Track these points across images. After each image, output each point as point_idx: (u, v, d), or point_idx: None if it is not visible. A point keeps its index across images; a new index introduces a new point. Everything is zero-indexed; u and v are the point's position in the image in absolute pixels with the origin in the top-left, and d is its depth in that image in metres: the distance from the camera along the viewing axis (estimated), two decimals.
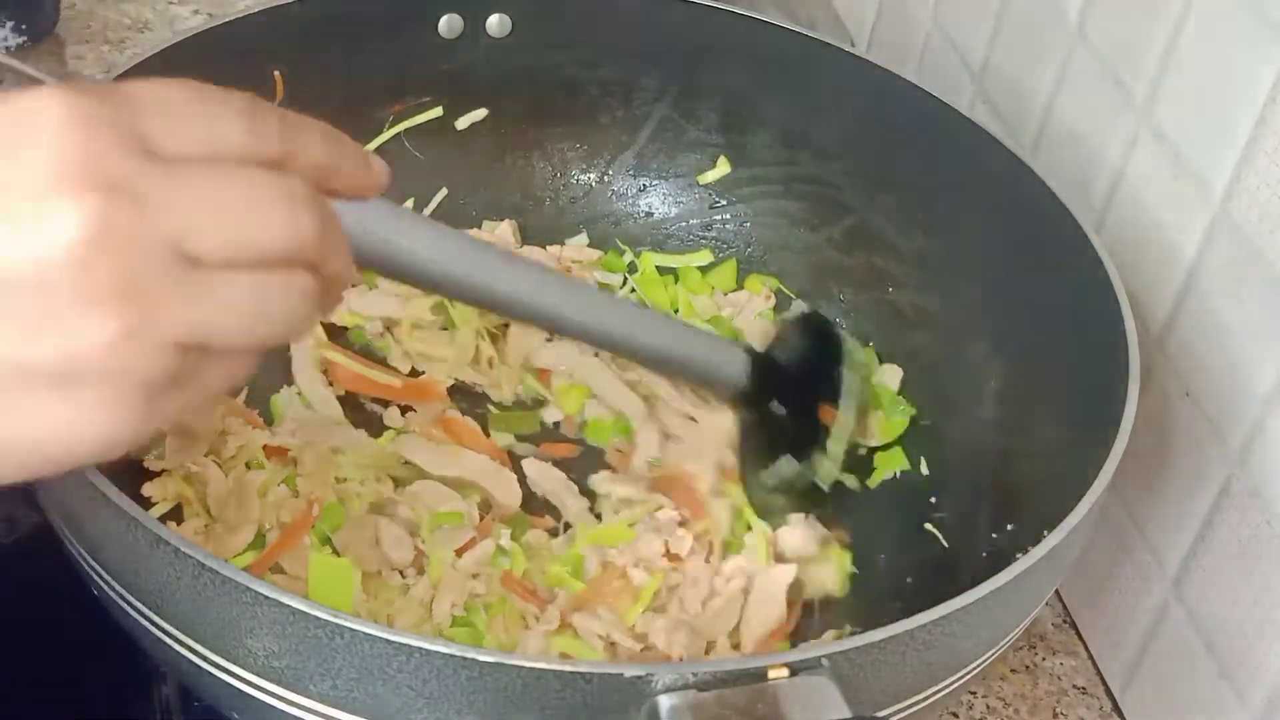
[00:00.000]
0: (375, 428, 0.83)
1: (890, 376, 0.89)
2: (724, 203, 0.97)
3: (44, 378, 0.41)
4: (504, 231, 0.95)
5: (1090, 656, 0.85)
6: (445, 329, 0.89)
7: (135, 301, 0.40)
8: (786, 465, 0.75)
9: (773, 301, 0.94)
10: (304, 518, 0.75)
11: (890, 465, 0.85)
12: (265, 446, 0.79)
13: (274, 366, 0.84)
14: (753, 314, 0.93)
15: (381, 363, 0.87)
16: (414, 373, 0.87)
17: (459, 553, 0.76)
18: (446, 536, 0.76)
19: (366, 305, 0.88)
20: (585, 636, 0.72)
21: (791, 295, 0.94)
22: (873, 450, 0.85)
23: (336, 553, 0.75)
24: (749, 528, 0.80)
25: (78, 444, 0.42)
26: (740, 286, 0.95)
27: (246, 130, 0.45)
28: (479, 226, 0.95)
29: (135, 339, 0.41)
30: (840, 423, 0.75)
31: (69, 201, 0.40)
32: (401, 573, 0.75)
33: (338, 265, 0.47)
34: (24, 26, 1.09)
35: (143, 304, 0.41)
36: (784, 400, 0.74)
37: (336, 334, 0.88)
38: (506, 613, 0.73)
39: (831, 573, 0.79)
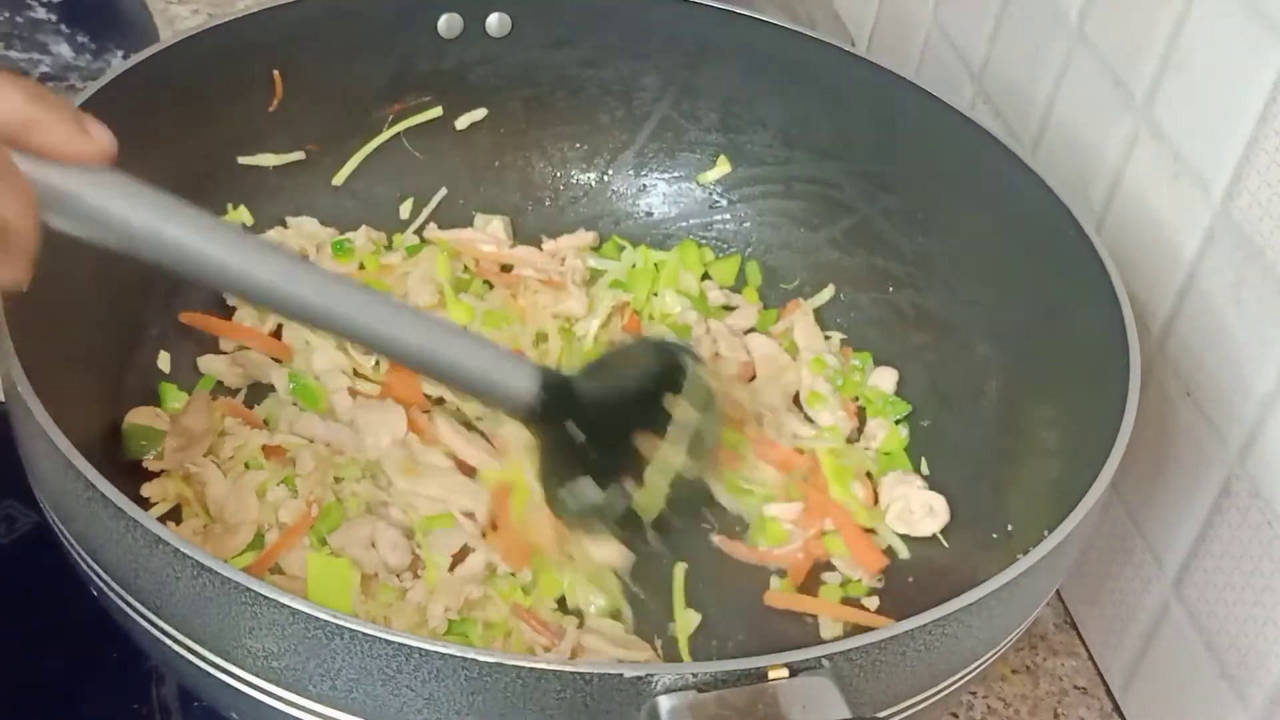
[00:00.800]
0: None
1: (885, 379, 0.89)
2: (724, 203, 0.97)
3: None
4: (496, 228, 0.94)
5: (1090, 657, 0.85)
6: None
7: None
8: (587, 489, 0.71)
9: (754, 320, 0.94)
10: (303, 518, 0.75)
11: (891, 466, 0.85)
12: (264, 446, 0.79)
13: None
14: (738, 322, 0.93)
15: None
16: None
17: (455, 561, 0.76)
18: (442, 540, 0.76)
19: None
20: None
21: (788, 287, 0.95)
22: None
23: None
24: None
25: None
26: (743, 281, 0.95)
27: None
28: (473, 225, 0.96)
29: None
30: (663, 454, 0.71)
31: None
32: (398, 575, 0.75)
33: (16, 219, 0.48)
34: (125, 47, 1.07)
35: None
36: (584, 424, 0.70)
37: None
38: (512, 643, 0.73)
39: None
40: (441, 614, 0.73)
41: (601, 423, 0.71)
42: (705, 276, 0.96)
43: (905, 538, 0.81)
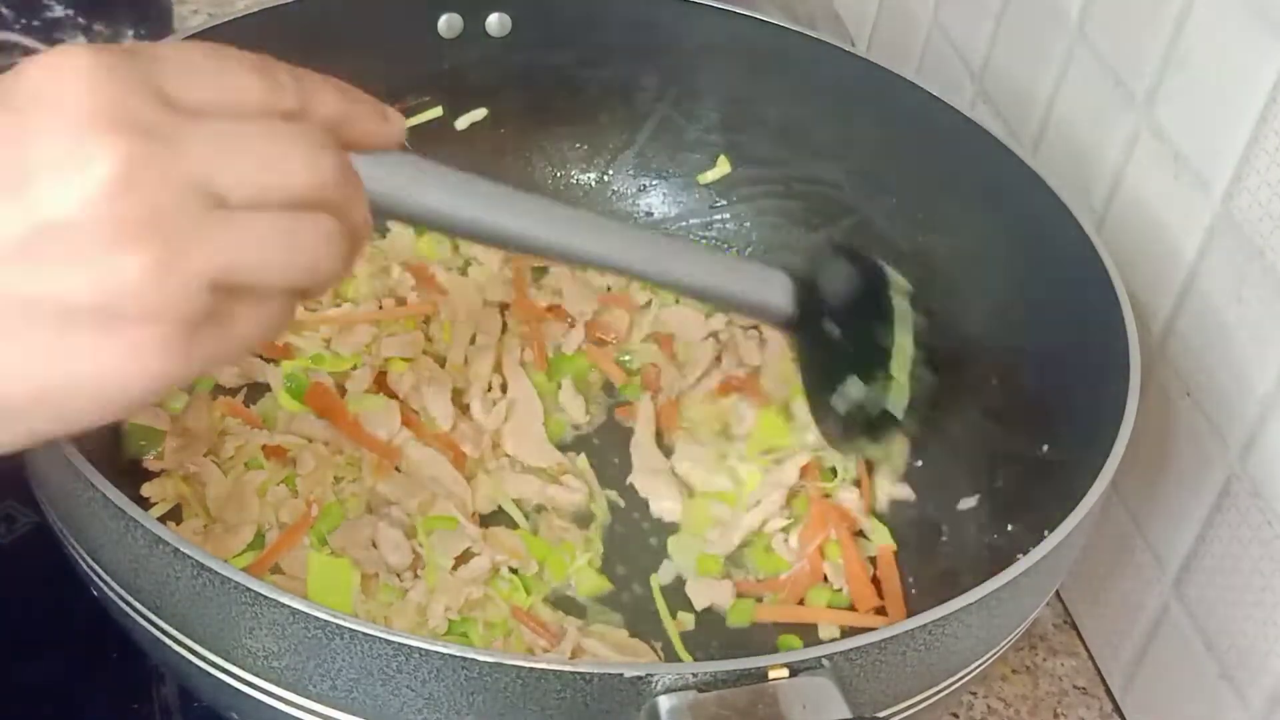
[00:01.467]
0: None
1: None
2: (724, 202, 0.97)
3: (85, 316, 0.42)
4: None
5: (1090, 657, 0.85)
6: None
7: (163, 235, 0.42)
8: (854, 387, 0.72)
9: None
10: (303, 518, 0.75)
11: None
12: (264, 446, 0.79)
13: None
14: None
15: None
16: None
17: (456, 563, 0.76)
18: (443, 541, 0.76)
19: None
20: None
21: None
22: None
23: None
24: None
25: (126, 383, 0.44)
26: None
27: (263, 83, 0.47)
28: None
29: (166, 272, 0.42)
30: (899, 347, 0.73)
31: (99, 143, 0.42)
32: (399, 575, 0.75)
33: (358, 211, 0.49)
34: (143, 32, 1.08)
35: (170, 237, 0.42)
36: (838, 322, 0.72)
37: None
38: (513, 643, 0.73)
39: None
40: (442, 614, 0.73)
41: (849, 320, 0.72)
42: None
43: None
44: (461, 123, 0.94)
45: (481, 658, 0.52)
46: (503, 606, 0.74)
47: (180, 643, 0.58)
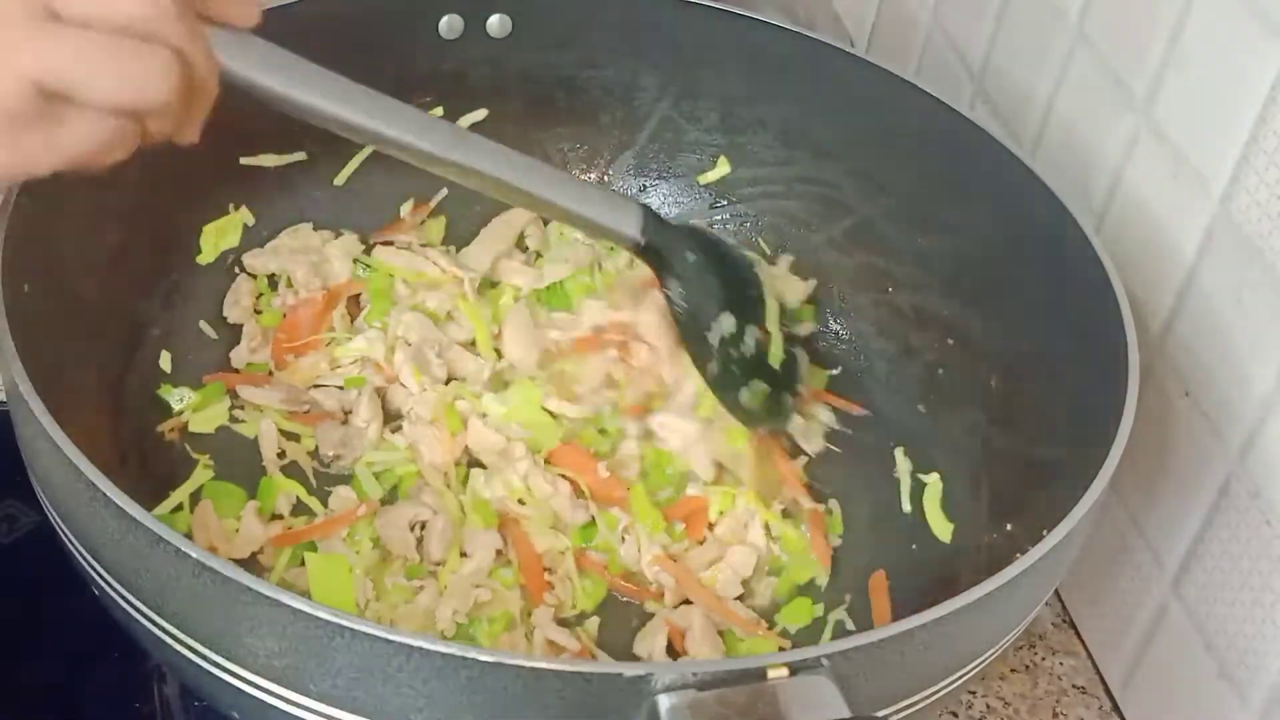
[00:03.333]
0: None
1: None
2: (724, 203, 0.97)
3: None
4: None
5: (1090, 656, 0.85)
6: None
7: None
8: (727, 321, 0.77)
9: None
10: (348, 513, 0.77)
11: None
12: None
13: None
14: None
15: None
16: None
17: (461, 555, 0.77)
18: (481, 538, 0.77)
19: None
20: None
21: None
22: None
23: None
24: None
25: None
26: None
27: None
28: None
29: None
30: (769, 306, 0.79)
31: None
32: (412, 572, 0.76)
33: (196, 52, 0.54)
34: None
35: (1, 38, 0.48)
36: (700, 267, 0.78)
37: None
38: (517, 636, 0.74)
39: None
40: (450, 617, 0.73)
41: (711, 275, 0.78)
42: None
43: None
44: (462, 123, 0.94)
45: (481, 657, 0.52)
46: (507, 598, 0.75)
47: (181, 642, 0.58)
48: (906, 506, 0.84)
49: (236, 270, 0.89)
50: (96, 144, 0.52)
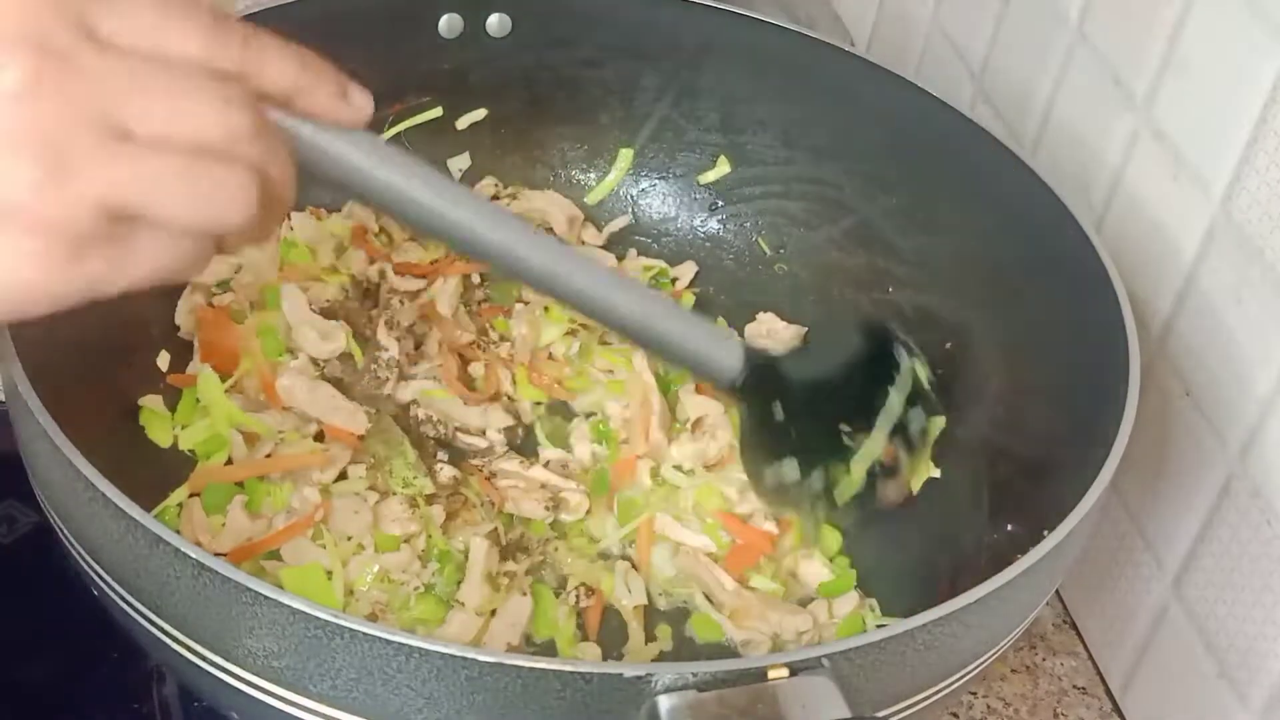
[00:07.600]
0: None
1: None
2: (724, 203, 0.97)
3: None
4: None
5: (1090, 657, 0.85)
6: None
7: (55, 150, 0.44)
8: (788, 469, 0.71)
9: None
10: (306, 518, 0.76)
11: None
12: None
13: None
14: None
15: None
16: None
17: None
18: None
19: None
20: None
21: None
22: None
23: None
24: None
25: (2, 284, 0.45)
26: None
27: (204, 39, 0.48)
28: None
29: (54, 187, 0.44)
30: (869, 443, 0.71)
31: (10, 55, 0.43)
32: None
33: (276, 169, 0.50)
34: None
35: (65, 154, 0.44)
36: (789, 405, 0.71)
37: None
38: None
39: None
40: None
41: (808, 406, 0.71)
42: None
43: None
44: (462, 123, 0.94)
45: (482, 658, 0.52)
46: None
47: (181, 642, 0.58)
48: None
49: None
50: (170, 265, 0.49)
